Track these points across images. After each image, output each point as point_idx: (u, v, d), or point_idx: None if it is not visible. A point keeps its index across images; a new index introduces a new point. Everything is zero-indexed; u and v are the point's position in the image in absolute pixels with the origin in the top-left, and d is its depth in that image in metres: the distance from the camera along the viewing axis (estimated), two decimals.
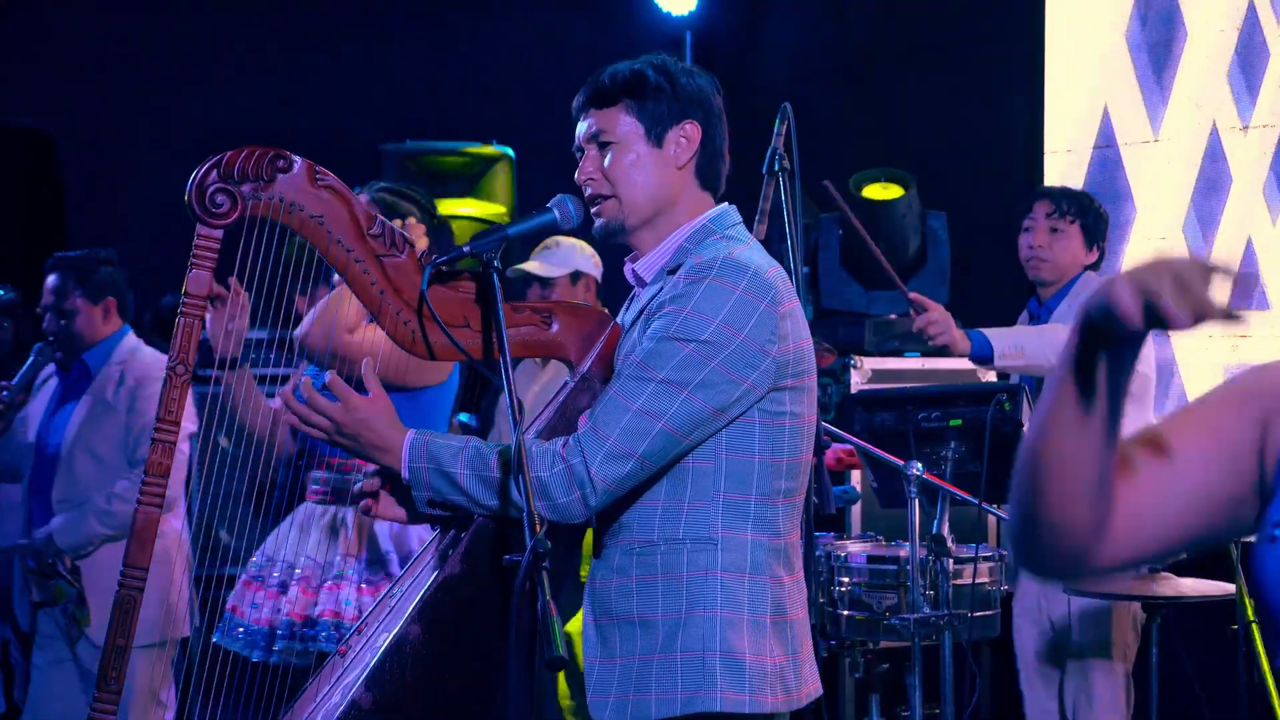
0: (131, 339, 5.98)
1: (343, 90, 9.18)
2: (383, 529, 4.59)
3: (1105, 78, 7.42)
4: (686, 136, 3.25)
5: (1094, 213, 5.85)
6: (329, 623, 4.49)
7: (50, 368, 6.08)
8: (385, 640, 3.15)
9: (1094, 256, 5.79)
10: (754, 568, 3.13)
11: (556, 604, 2.69)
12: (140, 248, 6.32)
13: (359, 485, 3.32)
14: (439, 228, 4.82)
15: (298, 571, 4.58)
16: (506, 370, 3.03)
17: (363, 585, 4.53)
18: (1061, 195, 5.91)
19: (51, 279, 5.93)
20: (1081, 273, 5.78)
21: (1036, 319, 5.83)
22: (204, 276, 3.20)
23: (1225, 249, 6.86)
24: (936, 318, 5.36)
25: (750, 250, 3.19)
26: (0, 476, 6.27)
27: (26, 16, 9.23)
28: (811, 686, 3.23)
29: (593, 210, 3.29)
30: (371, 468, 3.29)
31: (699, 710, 3.08)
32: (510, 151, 8.31)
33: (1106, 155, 7.40)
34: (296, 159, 3.21)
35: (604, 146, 3.26)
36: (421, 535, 4.59)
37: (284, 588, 4.60)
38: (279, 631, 4.52)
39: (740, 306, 3.07)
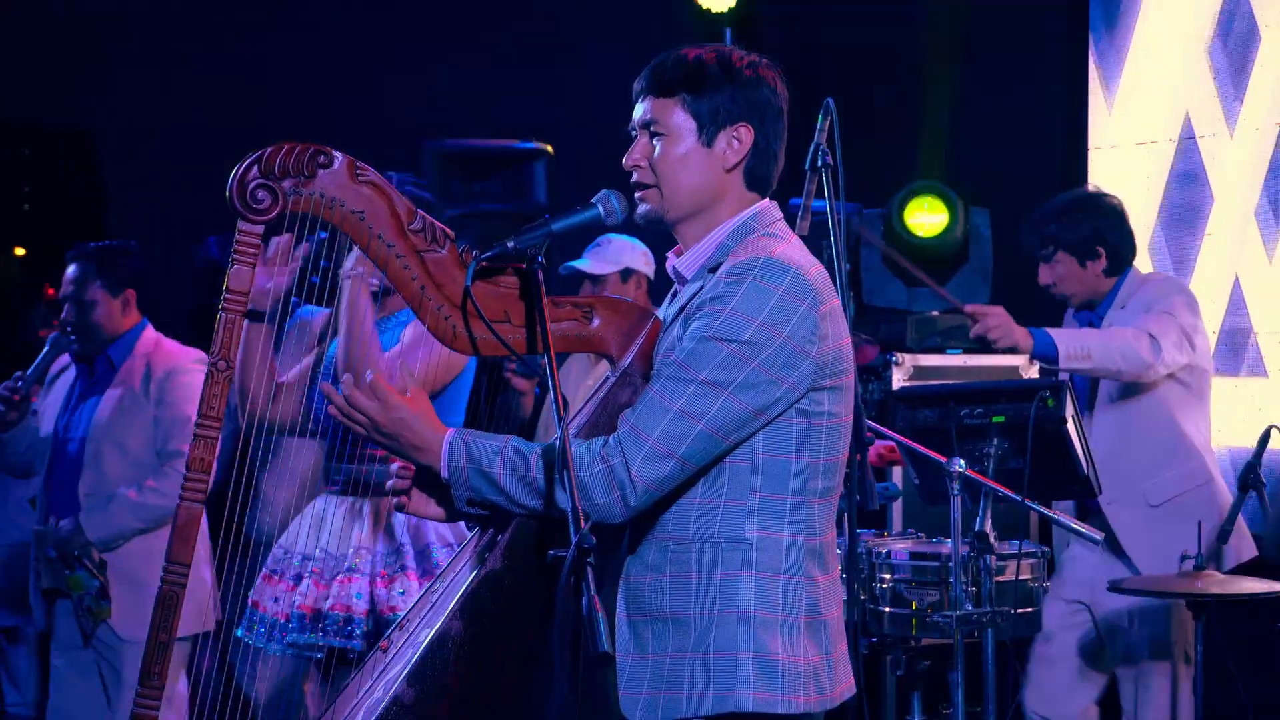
0: (151, 332, 5.95)
1: (382, 87, 9.19)
2: (399, 521, 4.57)
3: (1183, 74, 7.39)
4: (739, 139, 3.22)
5: (1070, 228, 5.72)
6: (338, 617, 4.47)
7: (65, 360, 6.06)
8: (427, 636, 3.14)
9: (1099, 264, 5.70)
10: (789, 568, 3.11)
11: (601, 600, 2.68)
12: (179, 244, 6.33)
13: (391, 482, 3.31)
14: None
15: (311, 565, 4.56)
16: (551, 365, 3.02)
17: (376, 579, 4.51)
18: (1036, 232, 5.82)
19: (71, 269, 5.89)
20: (1123, 274, 5.73)
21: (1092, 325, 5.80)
22: (245, 273, 3.20)
23: None
24: (995, 321, 5.36)
25: (791, 248, 3.17)
26: (11, 470, 6.26)
27: (65, 16, 9.26)
28: (845, 685, 3.22)
29: (636, 195, 3.28)
30: (398, 463, 3.29)
31: (730, 710, 3.07)
32: (549, 148, 8.30)
33: (1186, 148, 7.38)
34: (337, 155, 3.20)
35: (655, 136, 3.24)
36: (439, 529, 4.59)
37: (298, 580, 4.58)
38: (291, 625, 4.51)
39: (781, 306, 3.06)
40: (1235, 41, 7.19)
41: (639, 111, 3.26)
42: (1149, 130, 7.56)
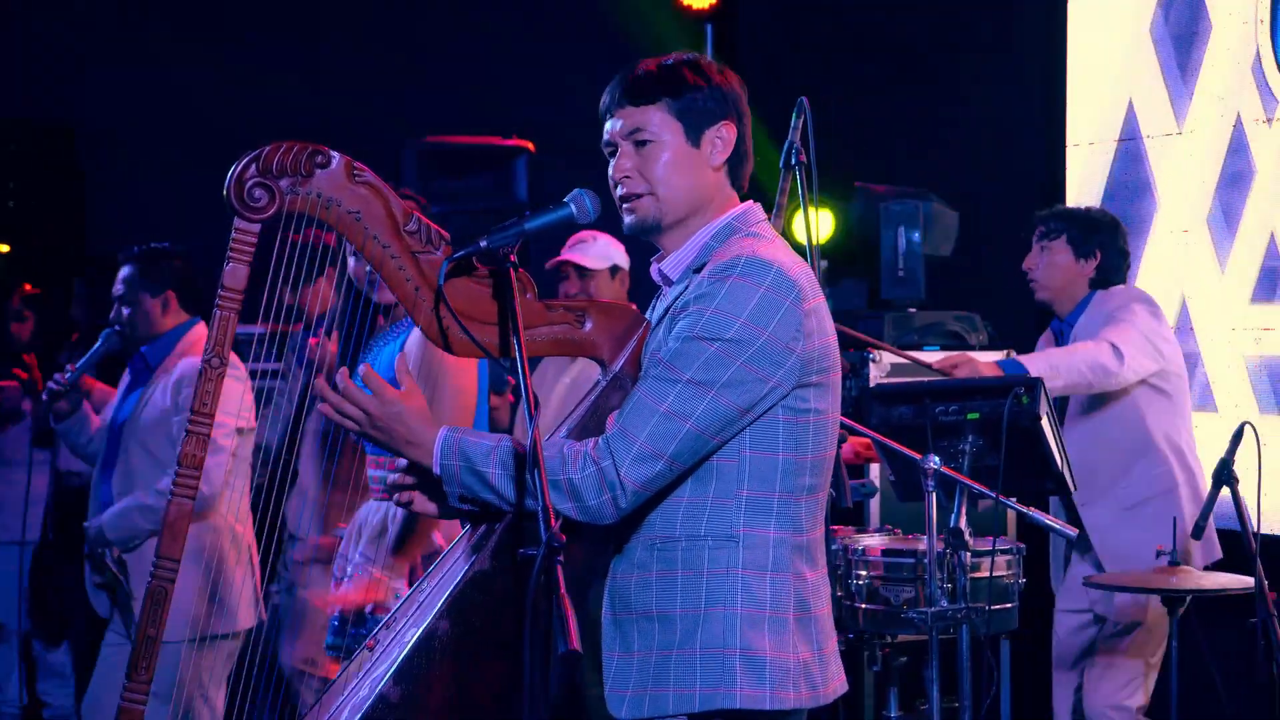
0: (199, 330, 5.95)
1: (364, 85, 9.20)
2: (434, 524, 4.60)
3: (1128, 70, 7.39)
4: (722, 138, 3.25)
5: (1082, 222, 5.89)
6: (380, 619, 4.49)
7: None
8: (414, 635, 3.15)
9: (1089, 266, 5.81)
10: (776, 565, 3.13)
11: (571, 597, 2.70)
12: (160, 242, 6.33)
13: (393, 479, 3.32)
14: None
15: (350, 568, 4.60)
16: (522, 364, 3.03)
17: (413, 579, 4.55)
18: (1049, 215, 5.99)
19: (122, 270, 5.97)
20: (1093, 290, 5.81)
21: (1060, 337, 5.87)
22: (241, 271, 3.21)
23: (1247, 242, 6.84)
24: (965, 371, 5.46)
25: (775, 248, 3.19)
26: (87, 460, 6.29)
27: (47, 11, 9.27)
28: (838, 682, 3.24)
29: (625, 207, 3.27)
30: (403, 462, 3.30)
31: (718, 707, 3.09)
32: (531, 146, 8.32)
33: (1129, 148, 7.39)
34: (335, 155, 3.21)
35: (641, 145, 3.24)
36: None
37: (341, 584, 4.63)
38: (334, 625, 4.54)
39: (764, 304, 3.08)
40: (1181, 31, 7.18)
41: (616, 125, 3.26)
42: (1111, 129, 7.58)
